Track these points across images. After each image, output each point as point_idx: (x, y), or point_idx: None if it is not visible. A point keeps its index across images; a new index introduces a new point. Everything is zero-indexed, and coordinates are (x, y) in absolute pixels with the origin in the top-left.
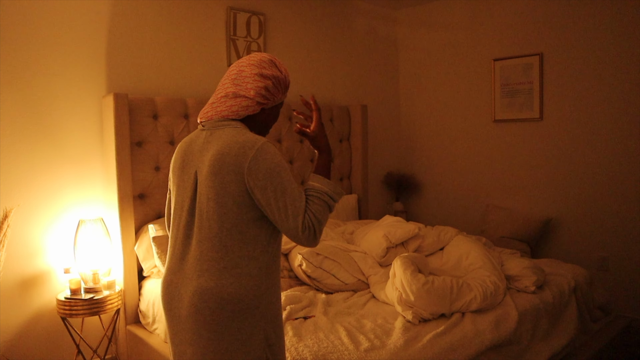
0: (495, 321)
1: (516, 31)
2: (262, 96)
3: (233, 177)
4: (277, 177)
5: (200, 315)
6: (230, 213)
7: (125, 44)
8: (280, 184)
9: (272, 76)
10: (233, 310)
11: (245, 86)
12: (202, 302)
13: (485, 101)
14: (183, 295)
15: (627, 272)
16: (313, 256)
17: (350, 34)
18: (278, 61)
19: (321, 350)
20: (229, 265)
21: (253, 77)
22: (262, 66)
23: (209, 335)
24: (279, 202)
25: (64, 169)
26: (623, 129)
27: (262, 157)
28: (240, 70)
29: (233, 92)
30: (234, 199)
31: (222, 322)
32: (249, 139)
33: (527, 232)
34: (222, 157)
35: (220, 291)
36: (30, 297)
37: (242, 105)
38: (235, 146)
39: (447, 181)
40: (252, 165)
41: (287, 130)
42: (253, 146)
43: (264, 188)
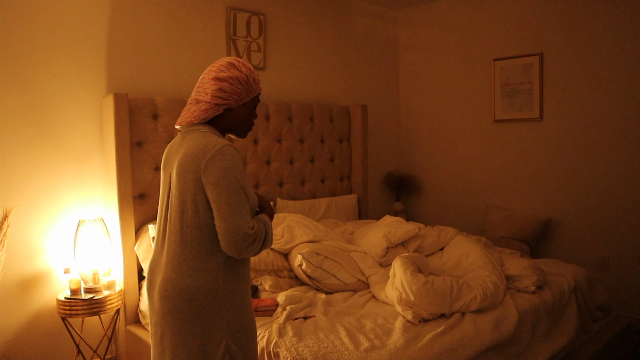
0: (495, 321)
1: (516, 31)
2: (219, 97)
3: (192, 176)
4: (231, 177)
5: (164, 302)
6: (189, 211)
7: (125, 44)
8: (234, 183)
9: (228, 77)
10: (191, 299)
11: (204, 91)
12: (166, 290)
13: (485, 101)
14: (155, 284)
15: (627, 272)
16: (313, 256)
17: (350, 34)
18: (239, 62)
19: (321, 350)
20: (188, 259)
21: (209, 82)
22: (219, 70)
23: (172, 319)
24: (230, 198)
25: (64, 169)
26: (623, 129)
27: (219, 157)
28: (202, 78)
29: (195, 99)
30: (192, 197)
31: (183, 309)
32: (211, 141)
33: (527, 232)
34: (186, 159)
35: (180, 282)
36: (30, 297)
37: (201, 109)
38: (197, 148)
39: (447, 181)
40: (209, 163)
41: (287, 130)
42: (213, 147)
43: (217, 184)
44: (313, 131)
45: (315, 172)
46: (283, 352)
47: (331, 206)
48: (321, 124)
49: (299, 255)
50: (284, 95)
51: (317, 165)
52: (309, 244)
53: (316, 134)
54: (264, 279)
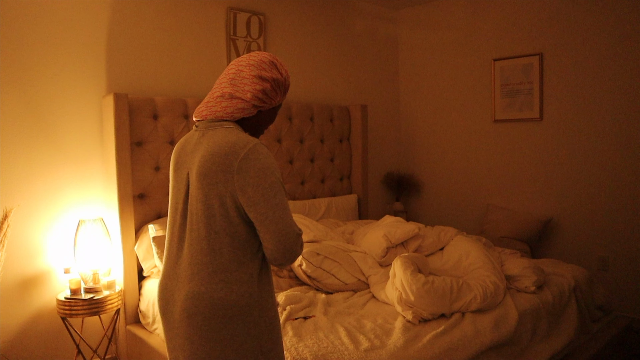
0: (495, 321)
1: (516, 31)
2: (259, 99)
3: (222, 177)
4: (271, 176)
5: (192, 320)
6: (218, 215)
7: (125, 44)
8: (275, 183)
9: (272, 79)
10: (225, 315)
11: (243, 88)
12: (194, 307)
13: (485, 101)
14: (177, 300)
15: (627, 272)
16: (313, 256)
17: (350, 34)
18: (279, 62)
19: (321, 350)
20: (218, 270)
21: (251, 79)
22: (261, 67)
23: (201, 341)
24: (276, 198)
25: (64, 169)
26: (623, 128)
27: (254, 156)
28: (239, 70)
29: (229, 93)
30: (221, 201)
31: (214, 328)
32: (240, 138)
33: (527, 232)
34: (211, 157)
35: (212, 296)
36: (30, 297)
37: (237, 107)
38: (226, 146)
39: (447, 181)
40: (243, 163)
41: (286, 130)
42: (245, 145)
43: (257, 185)
44: (313, 131)
45: (315, 172)
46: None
47: (331, 206)
48: (321, 124)
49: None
50: None
51: (317, 165)
52: (309, 244)
53: (316, 134)
54: None
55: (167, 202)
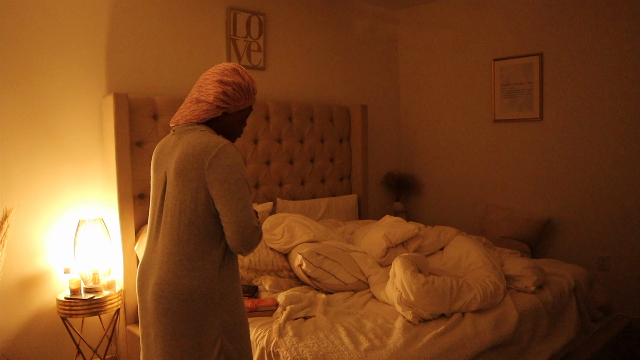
0: (495, 321)
1: (516, 31)
2: (221, 100)
3: (194, 174)
4: (237, 173)
5: (159, 302)
6: (188, 210)
7: (125, 44)
8: (240, 179)
9: (232, 82)
10: (187, 299)
11: (207, 92)
12: (161, 291)
13: (485, 101)
14: (149, 283)
15: (627, 272)
16: (313, 256)
17: (350, 34)
18: (242, 69)
19: (321, 350)
20: (184, 259)
21: (213, 84)
22: (223, 74)
23: (167, 320)
24: (239, 193)
25: (64, 169)
26: (623, 128)
27: (224, 155)
28: (205, 79)
29: (196, 98)
30: (192, 196)
31: (178, 309)
32: (212, 139)
33: (527, 232)
34: (186, 157)
35: (176, 282)
36: (30, 297)
37: (202, 109)
38: (199, 146)
39: (447, 181)
40: (214, 160)
41: (286, 130)
42: (216, 145)
43: (224, 180)
44: (313, 131)
45: (315, 172)
46: (283, 352)
47: (331, 206)
48: (321, 124)
49: (299, 255)
50: (284, 95)
51: (317, 165)
52: (309, 244)
53: (316, 134)
54: (264, 279)
55: None
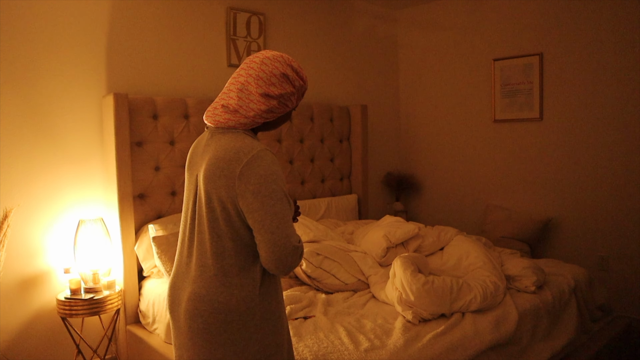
0: (495, 321)
1: (516, 31)
2: (264, 117)
3: (224, 182)
4: (272, 184)
5: (193, 321)
6: (220, 219)
7: (125, 44)
8: (277, 191)
9: (280, 95)
10: (225, 320)
11: (248, 105)
12: (195, 309)
13: (485, 101)
14: (182, 300)
15: (627, 272)
16: (313, 256)
17: (350, 34)
18: (293, 73)
19: (321, 350)
20: (220, 273)
21: (257, 97)
22: (270, 82)
23: (202, 343)
24: (275, 207)
25: (64, 169)
26: (623, 128)
27: (256, 163)
28: (247, 82)
29: (234, 108)
30: (223, 206)
31: (215, 331)
32: (246, 144)
33: (527, 232)
34: (216, 162)
35: (212, 299)
36: (30, 297)
37: (240, 122)
38: (231, 151)
39: (447, 181)
40: (245, 170)
41: (286, 130)
42: (249, 152)
43: (257, 192)
44: (313, 131)
45: (315, 172)
46: None
47: (331, 206)
48: (321, 124)
49: None
50: None
51: (317, 165)
52: (309, 244)
53: (316, 134)
54: None
55: (167, 202)
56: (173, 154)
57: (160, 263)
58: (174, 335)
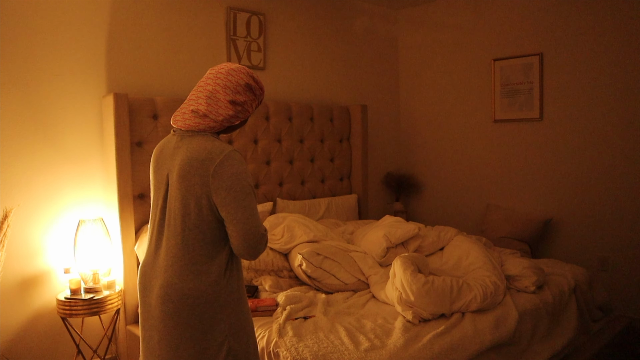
0: (495, 321)
1: (516, 31)
2: (229, 121)
3: (198, 180)
4: (243, 181)
5: (165, 306)
6: (192, 214)
7: (125, 44)
8: (246, 187)
9: (244, 102)
10: (194, 303)
11: (217, 111)
12: (167, 295)
13: (485, 101)
14: (154, 287)
15: (627, 272)
16: (313, 256)
17: (350, 34)
18: (254, 83)
19: (321, 350)
20: (189, 263)
21: (225, 104)
22: (236, 91)
23: (173, 324)
24: (245, 201)
25: (64, 169)
26: (623, 128)
27: (229, 163)
28: (215, 91)
29: (203, 113)
30: (196, 201)
31: (184, 313)
32: (216, 146)
33: (527, 232)
34: (190, 162)
35: (182, 287)
36: (30, 297)
37: (208, 125)
38: (203, 152)
39: (447, 181)
40: (219, 168)
41: (286, 130)
42: (221, 152)
43: (230, 188)
44: (313, 131)
45: (315, 172)
46: (283, 352)
47: (331, 206)
48: (321, 124)
49: (299, 255)
50: (284, 95)
51: (317, 165)
52: (309, 244)
53: (316, 134)
54: (264, 279)
55: None
56: None
57: None
58: (143, 317)
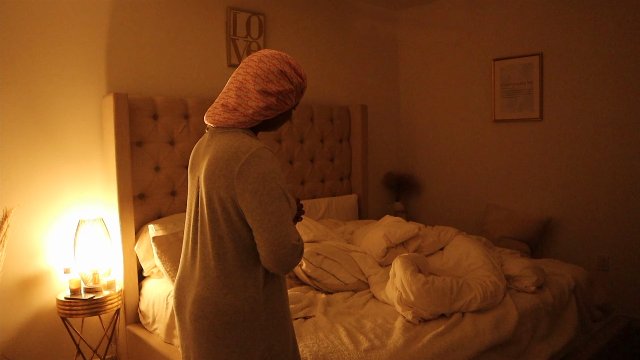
0: (495, 321)
1: (516, 31)
2: (262, 115)
3: (223, 182)
4: (270, 182)
5: (198, 323)
6: (221, 219)
7: (125, 44)
8: (275, 189)
9: (278, 92)
10: (230, 321)
11: (246, 103)
12: (200, 310)
13: (485, 101)
14: (187, 301)
15: (627, 272)
16: (313, 256)
17: (350, 34)
18: (290, 70)
19: (321, 350)
20: (222, 275)
21: (255, 95)
22: (268, 79)
23: (208, 345)
24: (273, 205)
25: (64, 169)
26: (623, 128)
27: (254, 161)
28: (245, 80)
29: (233, 106)
30: (223, 206)
31: (220, 332)
32: (244, 143)
33: (527, 232)
34: (215, 162)
35: (216, 301)
36: (30, 297)
37: (239, 120)
38: (229, 150)
39: (447, 181)
40: (244, 168)
41: (286, 130)
42: (247, 150)
43: (256, 191)
44: (313, 131)
45: (315, 172)
46: None
47: (331, 206)
48: (321, 124)
49: None
50: None
51: (317, 165)
52: (309, 244)
53: (316, 134)
54: None
55: (167, 202)
56: (173, 154)
57: (160, 263)
58: (181, 337)
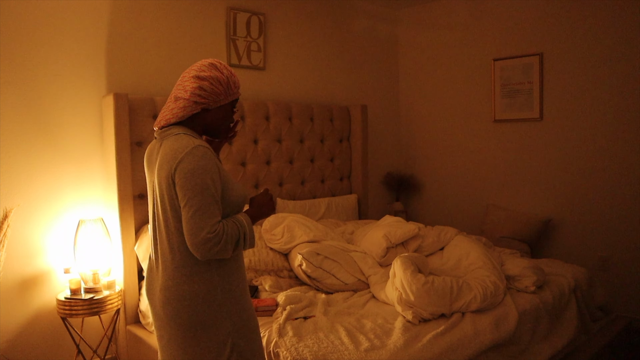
0: (495, 321)
1: (516, 31)
2: (198, 95)
3: (166, 182)
4: (197, 178)
5: (166, 309)
6: (170, 217)
7: (125, 44)
8: (199, 185)
9: (209, 77)
10: (190, 304)
11: (184, 89)
12: (166, 297)
13: (485, 101)
14: (155, 290)
15: (627, 272)
16: (313, 256)
17: (350, 34)
18: (221, 64)
19: (321, 350)
20: (179, 265)
21: (189, 80)
22: (200, 69)
23: (176, 325)
24: (193, 199)
25: (64, 169)
26: (623, 128)
27: (188, 159)
28: (183, 77)
29: (175, 96)
30: (170, 203)
31: (184, 314)
32: (182, 144)
33: (527, 232)
34: (161, 164)
35: (178, 289)
36: (30, 297)
37: (180, 107)
38: (170, 152)
39: (447, 181)
40: (179, 166)
41: (286, 130)
42: (184, 150)
43: (182, 186)
44: (313, 131)
45: (315, 172)
46: (283, 352)
47: (331, 206)
48: (321, 124)
49: (299, 255)
50: (284, 95)
51: (317, 165)
52: (309, 244)
53: (316, 134)
54: (264, 279)
55: None
56: None
57: None
58: (154, 318)
